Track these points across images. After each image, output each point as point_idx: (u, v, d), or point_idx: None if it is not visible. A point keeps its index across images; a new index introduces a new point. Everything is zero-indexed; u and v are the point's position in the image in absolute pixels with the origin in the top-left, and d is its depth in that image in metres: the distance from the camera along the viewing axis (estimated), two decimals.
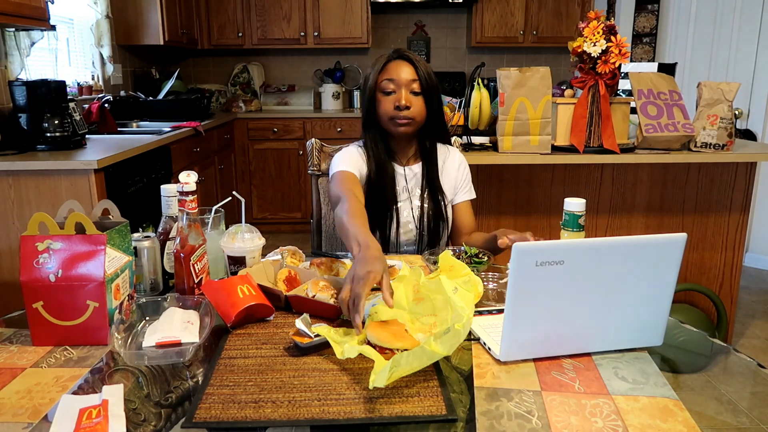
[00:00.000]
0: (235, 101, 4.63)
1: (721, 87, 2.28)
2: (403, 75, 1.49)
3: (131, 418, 0.78)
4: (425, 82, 1.50)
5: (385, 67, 1.52)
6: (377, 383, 0.80)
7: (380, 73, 1.52)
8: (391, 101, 1.50)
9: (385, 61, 1.52)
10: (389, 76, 1.50)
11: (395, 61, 1.51)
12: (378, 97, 1.52)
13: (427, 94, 1.51)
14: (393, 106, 1.49)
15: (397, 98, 1.49)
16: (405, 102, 1.48)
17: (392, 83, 1.50)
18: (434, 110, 1.54)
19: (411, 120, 1.50)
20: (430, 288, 1.01)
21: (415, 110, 1.50)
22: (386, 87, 1.50)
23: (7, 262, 2.26)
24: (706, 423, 0.78)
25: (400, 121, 1.50)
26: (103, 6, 3.41)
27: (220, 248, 1.28)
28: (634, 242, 0.89)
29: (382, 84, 1.51)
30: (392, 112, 1.50)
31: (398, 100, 1.48)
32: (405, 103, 1.48)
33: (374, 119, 1.55)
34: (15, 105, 2.43)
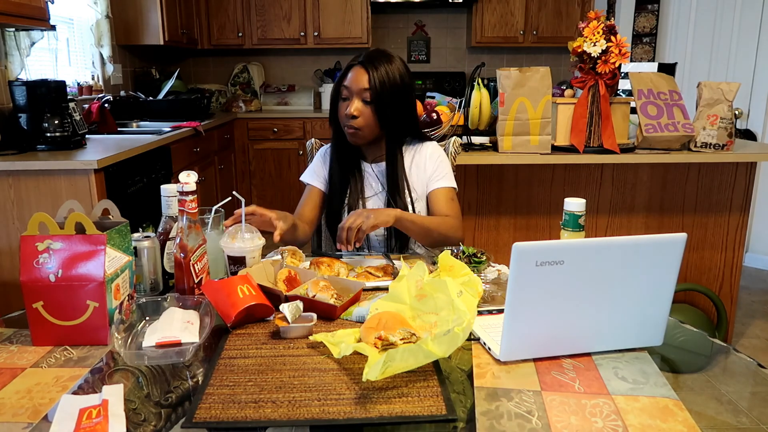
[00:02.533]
0: (235, 101, 4.63)
1: (721, 87, 2.28)
2: (355, 83, 1.49)
3: (131, 418, 0.78)
4: (376, 91, 1.48)
5: (346, 72, 1.53)
6: (370, 376, 0.80)
7: (342, 79, 1.54)
8: (344, 107, 1.53)
9: (348, 67, 1.53)
10: (345, 83, 1.52)
11: (354, 68, 1.51)
12: (339, 101, 1.56)
13: (378, 103, 1.49)
14: (344, 113, 1.53)
15: (346, 106, 1.52)
16: (351, 111, 1.50)
17: (346, 90, 1.52)
18: (390, 118, 1.52)
19: (357, 129, 1.52)
20: (434, 286, 1.01)
21: (362, 120, 1.51)
22: (342, 93, 1.54)
23: (7, 262, 2.26)
24: (706, 423, 0.78)
25: (347, 130, 1.54)
26: (103, 6, 3.41)
27: (220, 248, 1.28)
28: (634, 242, 0.89)
29: (340, 89, 1.54)
30: (343, 119, 1.54)
31: (347, 108, 1.51)
32: (351, 112, 1.50)
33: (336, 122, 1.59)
34: (15, 105, 2.43)
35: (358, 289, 1.15)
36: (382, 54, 1.52)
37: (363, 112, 1.50)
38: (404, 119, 1.57)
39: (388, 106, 1.51)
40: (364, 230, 1.36)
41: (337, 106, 1.56)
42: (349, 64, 1.53)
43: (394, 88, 1.50)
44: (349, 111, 1.50)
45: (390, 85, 1.49)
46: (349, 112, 1.50)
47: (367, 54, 1.52)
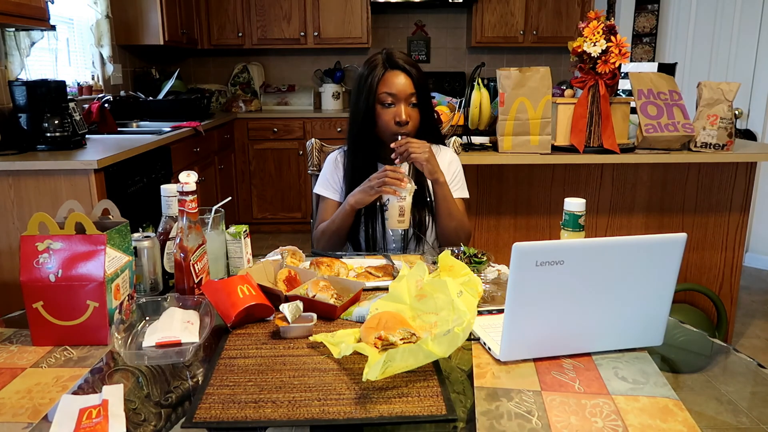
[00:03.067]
0: (235, 101, 4.63)
1: (721, 87, 2.28)
2: (402, 88, 1.51)
3: (131, 418, 0.78)
4: (422, 92, 1.53)
5: (384, 78, 1.52)
6: (370, 376, 0.80)
7: (380, 84, 1.52)
8: (391, 114, 1.53)
9: (383, 71, 1.53)
10: (388, 90, 1.52)
11: (393, 72, 1.52)
12: (378, 107, 1.54)
13: (423, 105, 1.55)
14: (393, 120, 1.52)
15: (396, 113, 1.52)
16: (405, 117, 1.52)
17: (391, 96, 1.52)
18: (428, 114, 1.59)
19: (409, 133, 1.54)
20: (434, 286, 1.01)
21: (413, 123, 1.54)
22: (385, 99, 1.53)
23: (7, 262, 2.26)
24: (706, 423, 0.78)
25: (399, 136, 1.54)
26: (103, 6, 3.41)
27: (219, 248, 1.29)
28: (634, 242, 0.89)
29: (381, 96, 1.53)
30: (393, 127, 1.53)
31: (398, 115, 1.51)
32: (405, 119, 1.52)
33: (372, 128, 1.57)
34: (15, 105, 2.43)
35: (358, 289, 1.15)
36: (400, 53, 1.55)
37: (412, 116, 1.53)
38: (433, 113, 1.63)
39: (428, 102, 1.57)
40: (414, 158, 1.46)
41: (373, 115, 1.54)
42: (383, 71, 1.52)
43: (424, 77, 1.55)
44: (403, 118, 1.51)
45: (425, 80, 1.55)
46: (403, 118, 1.51)
47: (395, 56, 1.53)
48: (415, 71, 1.53)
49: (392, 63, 1.52)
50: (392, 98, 1.52)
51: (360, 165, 1.60)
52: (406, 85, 1.51)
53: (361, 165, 1.60)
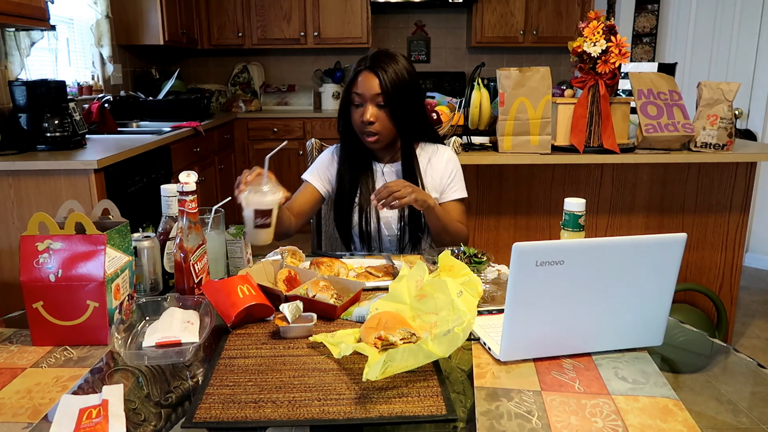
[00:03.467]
0: (235, 101, 4.63)
1: (721, 87, 2.28)
2: (368, 89, 1.50)
3: (131, 418, 0.78)
4: (389, 94, 1.50)
5: (355, 78, 1.53)
6: (370, 376, 0.80)
7: (352, 85, 1.54)
8: (359, 114, 1.53)
9: (355, 73, 1.54)
10: (357, 89, 1.53)
11: (364, 73, 1.52)
12: (351, 109, 1.56)
13: (392, 106, 1.52)
14: (360, 120, 1.53)
15: (362, 112, 1.52)
16: (369, 117, 1.51)
17: (359, 97, 1.52)
18: (404, 118, 1.55)
19: (376, 134, 1.54)
20: (434, 286, 1.01)
21: (379, 125, 1.53)
22: (354, 100, 1.54)
23: (7, 262, 2.26)
24: (706, 423, 0.78)
25: (367, 138, 1.55)
26: (103, 6, 3.41)
27: (219, 248, 1.29)
28: (634, 242, 0.89)
29: (352, 96, 1.54)
30: (359, 126, 1.54)
31: (363, 115, 1.52)
32: (368, 118, 1.51)
33: (349, 125, 1.59)
34: (15, 105, 2.43)
35: (358, 289, 1.15)
36: (386, 55, 1.53)
37: (379, 117, 1.52)
38: (416, 117, 1.59)
39: (401, 106, 1.53)
40: (400, 203, 1.41)
41: (349, 113, 1.57)
42: (357, 70, 1.53)
43: (404, 87, 1.51)
44: (366, 118, 1.51)
45: (400, 85, 1.50)
46: (366, 118, 1.51)
47: (372, 57, 1.52)
48: (389, 73, 1.49)
49: (369, 63, 1.52)
50: (359, 98, 1.52)
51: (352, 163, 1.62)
52: (372, 86, 1.50)
53: (354, 163, 1.62)
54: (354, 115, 1.55)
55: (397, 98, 1.51)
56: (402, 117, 1.54)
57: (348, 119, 1.58)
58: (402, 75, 1.51)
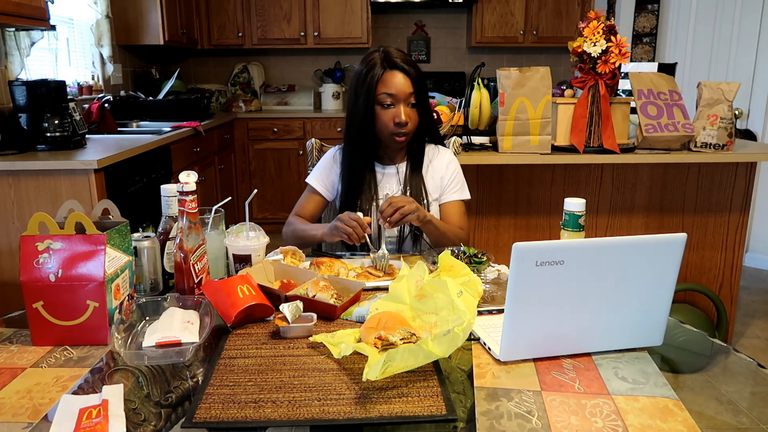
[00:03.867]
0: (235, 101, 4.63)
1: (721, 87, 2.28)
2: (401, 88, 1.49)
3: (131, 418, 0.78)
4: (421, 92, 1.52)
5: (383, 78, 1.50)
6: (370, 376, 0.80)
7: (378, 84, 1.50)
8: (390, 115, 1.51)
9: (382, 71, 1.50)
10: (387, 90, 1.49)
11: (392, 72, 1.49)
12: (377, 108, 1.52)
13: (421, 105, 1.53)
14: (392, 122, 1.51)
15: (396, 114, 1.50)
16: (405, 118, 1.50)
17: (390, 97, 1.50)
18: (427, 114, 1.57)
19: (407, 134, 1.54)
20: (434, 286, 1.01)
21: (412, 124, 1.53)
22: (384, 100, 1.50)
23: (7, 262, 2.26)
24: (706, 423, 0.78)
25: (397, 138, 1.53)
26: (103, 6, 3.41)
27: (219, 248, 1.29)
28: (634, 242, 0.89)
29: (380, 97, 1.50)
30: (392, 128, 1.52)
31: (398, 116, 1.50)
32: (405, 119, 1.50)
33: (371, 128, 1.54)
34: (15, 105, 2.43)
35: (358, 289, 1.15)
36: (398, 51, 1.52)
37: (411, 117, 1.52)
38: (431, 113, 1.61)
39: (426, 102, 1.54)
40: (404, 220, 1.41)
41: (372, 115, 1.52)
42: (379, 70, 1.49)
43: (422, 77, 1.53)
44: (402, 119, 1.49)
45: (423, 79, 1.53)
46: (403, 119, 1.49)
47: (392, 55, 1.50)
48: (413, 71, 1.51)
49: (391, 63, 1.50)
50: (391, 99, 1.50)
51: (357, 165, 1.60)
52: (405, 85, 1.49)
53: (359, 165, 1.60)
54: (384, 117, 1.51)
55: (425, 96, 1.53)
56: (426, 115, 1.56)
57: (369, 123, 1.53)
58: (423, 74, 1.54)
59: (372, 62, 1.51)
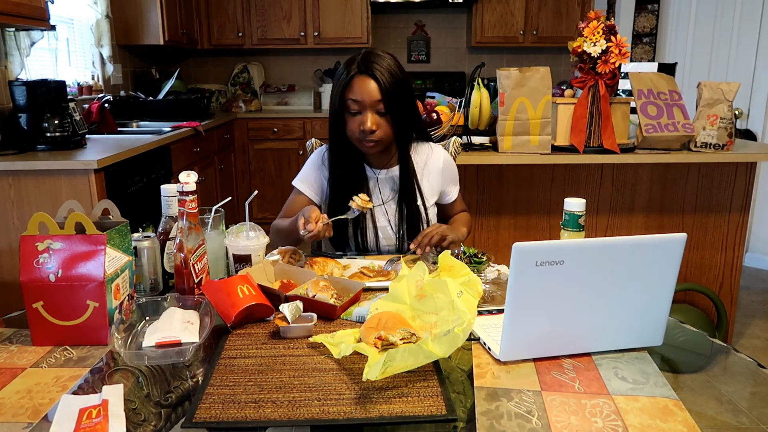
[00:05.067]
0: (235, 101, 4.63)
1: (721, 87, 2.28)
2: (367, 95, 1.40)
3: (131, 418, 0.78)
4: (390, 100, 1.42)
5: (350, 84, 1.42)
6: (370, 376, 0.80)
7: (346, 90, 1.43)
8: (357, 122, 1.43)
9: (351, 76, 1.42)
10: (354, 96, 1.42)
11: (360, 77, 1.41)
12: (345, 115, 1.45)
13: (393, 111, 1.44)
14: (358, 129, 1.43)
15: (362, 121, 1.42)
16: (370, 126, 1.41)
17: (356, 104, 1.42)
18: (404, 122, 1.48)
19: (377, 141, 1.45)
20: (434, 286, 1.01)
21: (381, 132, 1.44)
22: (351, 107, 1.43)
23: (7, 262, 2.26)
24: (706, 423, 0.78)
25: (367, 144, 1.45)
26: (103, 6, 3.41)
27: (219, 248, 1.29)
28: (634, 242, 0.89)
29: (347, 102, 1.43)
30: (358, 134, 1.44)
31: (363, 123, 1.42)
32: (370, 127, 1.42)
33: (343, 132, 1.48)
34: (15, 105, 2.43)
35: (358, 289, 1.15)
36: (375, 55, 1.44)
37: (380, 124, 1.43)
38: (412, 117, 1.52)
39: (401, 109, 1.46)
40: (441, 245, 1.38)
41: (342, 120, 1.46)
42: (349, 74, 1.42)
43: (401, 88, 1.44)
44: (368, 126, 1.41)
45: (398, 86, 1.42)
46: (368, 127, 1.41)
47: (364, 60, 1.42)
48: (386, 76, 1.40)
49: (363, 66, 1.41)
50: (357, 105, 1.42)
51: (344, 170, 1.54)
52: (373, 91, 1.40)
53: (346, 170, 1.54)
54: (351, 124, 1.45)
55: (397, 102, 1.43)
56: (402, 121, 1.47)
57: (340, 126, 1.48)
58: (396, 74, 1.43)
59: (349, 63, 1.45)
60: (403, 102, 1.46)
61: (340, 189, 1.53)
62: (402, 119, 1.47)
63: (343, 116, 1.46)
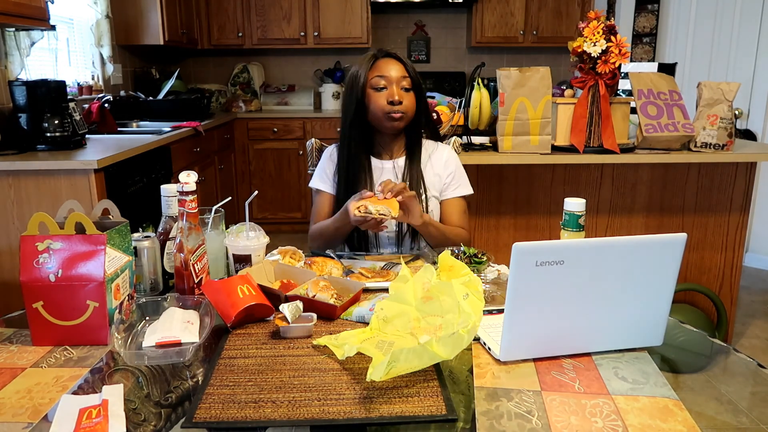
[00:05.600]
0: (235, 101, 4.63)
1: (721, 87, 2.28)
2: (393, 72, 1.53)
3: (131, 418, 0.78)
4: (415, 78, 1.55)
5: (375, 64, 1.55)
6: (374, 376, 0.80)
7: (370, 70, 1.55)
8: (384, 97, 1.53)
9: (374, 60, 1.56)
10: (380, 73, 1.54)
11: (384, 59, 1.55)
12: (369, 93, 1.55)
13: (417, 90, 1.56)
14: (386, 102, 1.53)
15: (389, 94, 1.53)
16: (398, 97, 1.52)
17: (383, 80, 1.53)
18: (423, 106, 1.60)
19: (404, 114, 1.54)
20: (440, 289, 1.01)
21: (407, 105, 1.54)
22: (377, 83, 1.54)
23: (7, 262, 2.26)
24: (706, 423, 0.78)
25: (394, 116, 1.53)
26: (103, 6, 3.41)
27: (219, 248, 1.29)
28: (634, 242, 0.89)
29: (373, 81, 1.54)
30: (386, 107, 1.53)
31: (391, 95, 1.52)
32: (398, 98, 1.52)
33: (363, 116, 1.57)
34: (15, 105, 2.43)
35: (358, 289, 1.15)
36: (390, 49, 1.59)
37: (405, 98, 1.54)
38: (427, 108, 1.63)
39: (421, 91, 1.58)
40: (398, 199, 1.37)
41: (366, 102, 1.55)
42: (374, 59, 1.55)
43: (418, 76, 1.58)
44: (396, 97, 1.52)
45: (416, 72, 1.57)
46: (396, 98, 1.51)
47: (384, 49, 1.58)
48: (408, 60, 1.57)
49: (383, 52, 1.57)
50: (384, 81, 1.53)
51: (353, 160, 1.59)
52: (399, 69, 1.54)
53: (354, 160, 1.59)
54: (377, 99, 1.54)
55: (419, 84, 1.57)
56: (421, 103, 1.58)
57: (361, 111, 1.56)
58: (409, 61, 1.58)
59: (365, 57, 1.58)
60: (422, 89, 1.59)
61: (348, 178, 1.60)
62: (421, 102, 1.59)
63: (366, 97, 1.56)
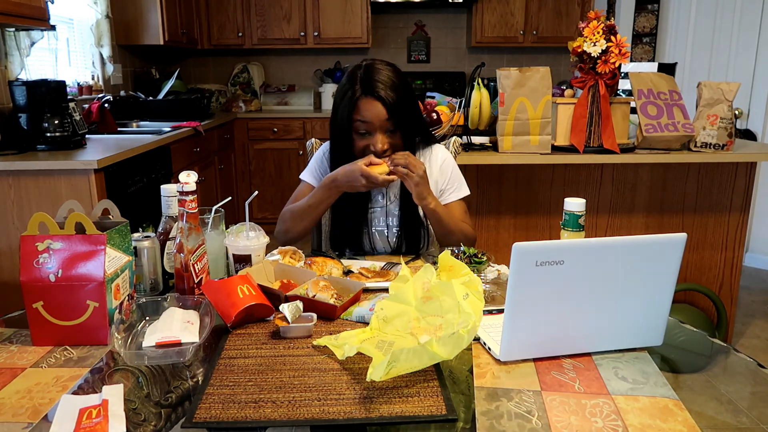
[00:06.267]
0: (235, 101, 4.63)
1: (721, 87, 2.28)
2: (375, 117, 1.42)
3: (131, 418, 0.78)
4: (397, 117, 1.43)
5: (357, 106, 1.43)
6: (374, 376, 0.80)
7: (353, 112, 1.43)
8: (366, 142, 1.45)
9: (357, 100, 1.43)
10: (361, 117, 1.43)
11: (366, 99, 1.42)
12: (353, 135, 1.47)
13: (401, 127, 1.46)
14: (370, 149, 1.45)
15: (372, 142, 1.44)
16: (381, 147, 1.44)
17: (365, 125, 1.44)
18: (411, 131, 1.51)
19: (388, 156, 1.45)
20: (441, 289, 1.01)
21: (391, 150, 1.46)
22: (359, 128, 1.45)
23: (7, 262, 2.26)
24: (706, 423, 0.78)
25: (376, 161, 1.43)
26: (103, 6, 3.41)
27: (219, 248, 1.28)
28: (634, 242, 0.89)
29: (355, 124, 1.44)
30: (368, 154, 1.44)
31: (374, 145, 1.44)
32: (381, 148, 1.44)
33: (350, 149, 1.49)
34: (15, 105, 2.43)
35: (358, 289, 1.15)
36: (375, 70, 1.44)
37: (390, 142, 1.46)
38: (417, 123, 1.54)
39: (407, 121, 1.47)
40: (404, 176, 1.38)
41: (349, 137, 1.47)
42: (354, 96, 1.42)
43: (404, 99, 1.45)
44: (379, 148, 1.43)
45: (400, 99, 1.43)
46: (380, 149, 1.43)
47: (365, 79, 1.43)
48: (390, 94, 1.41)
49: (367, 89, 1.42)
50: (366, 126, 1.44)
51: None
52: (380, 113, 1.41)
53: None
54: (359, 144, 1.46)
55: (403, 116, 1.45)
56: (409, 132, 1.50)
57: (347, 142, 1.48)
58: (398, 86, 1.44)
59: (353, 78, 1.45)
60: (409, 113, 1.48)
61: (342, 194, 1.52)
62: (409, 131, 1.50)
63: (351, 134, 1.48)
